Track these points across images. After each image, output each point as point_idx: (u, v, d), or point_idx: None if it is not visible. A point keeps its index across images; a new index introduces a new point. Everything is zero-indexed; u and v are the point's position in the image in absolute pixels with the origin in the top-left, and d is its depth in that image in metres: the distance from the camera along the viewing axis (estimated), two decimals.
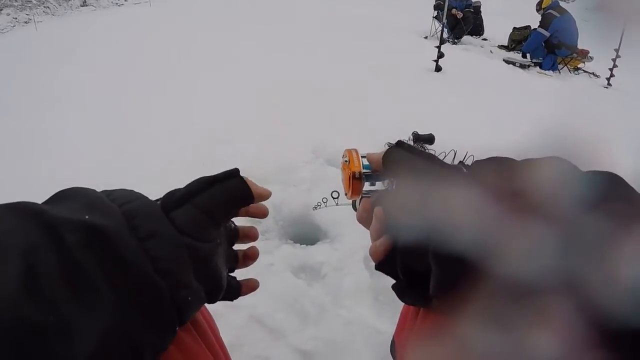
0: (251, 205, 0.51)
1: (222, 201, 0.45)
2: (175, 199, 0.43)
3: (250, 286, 0.53)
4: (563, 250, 0.31)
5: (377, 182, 0.58)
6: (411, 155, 0.48)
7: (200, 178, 0.45)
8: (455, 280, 0.37)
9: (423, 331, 0.45)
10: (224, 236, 0.49)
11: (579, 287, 0.28)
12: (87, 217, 0.35)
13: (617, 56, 7.22)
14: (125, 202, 0.40)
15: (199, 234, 0.42)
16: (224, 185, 0.45)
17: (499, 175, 0.38)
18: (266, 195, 0.50)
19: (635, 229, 0.29)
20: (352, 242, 2.64)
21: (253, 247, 0.53)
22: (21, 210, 0.34)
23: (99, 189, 0.43)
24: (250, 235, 0.53)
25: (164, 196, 0.44)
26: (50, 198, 0.40)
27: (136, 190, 0.44)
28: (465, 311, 0.34)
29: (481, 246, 0.34)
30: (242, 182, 0.47)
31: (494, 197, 0.36)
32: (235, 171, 0.47)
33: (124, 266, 0.35)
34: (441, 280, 0.39)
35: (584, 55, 8.18)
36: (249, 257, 0.53)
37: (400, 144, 0.51)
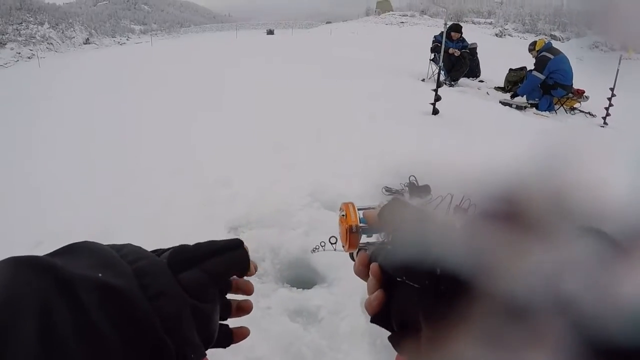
0: (241, 281, 0.54)
1: (227, 269, 0.49)
2: (183, 260, 0.45)
3: (242, 334, 0.54)
4: (558, 271, 0.32)
5: (374, 235, 0.59)
6: (406, 211, 0.50)
7: (210, 243, 0.48)
8: (444, 338, 0.39)
9: None
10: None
11: (574, 307, 0.30)
12: (100, 275, 0.37)
13: (613, 95, 7.27)
14: (135, 259, 0.42)
15: (203, 295, 0.45)
16: (231, 255, 0.48)
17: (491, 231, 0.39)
18: (254, 271, 0.52)
19: (632, 250, 0.31)
20: (349, 286, 2.64)
21: (248, 301, 0.55)
22: (34, 264, 0.34)
23: (98, 228, 0.45)
24: (244, 289, 0.55)
25: (170, 254, 0.46)
26: (60, 251, 0.40)
27: (135, 227, 0.46)
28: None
29: (474, 306, 0.36)
30: (246, 254, 0.50)
31: (487, 248, 0.37)
32: (240, 242, 0.49)
33: (136, 325, 0.37)
34: (430, 339, 0.40)
35: (580, 95, 8.25)
36: (242, 310, 0.54)
37: (395, 200, 0.53)
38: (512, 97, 8.86)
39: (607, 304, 0.29)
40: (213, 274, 0.46)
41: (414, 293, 0.42)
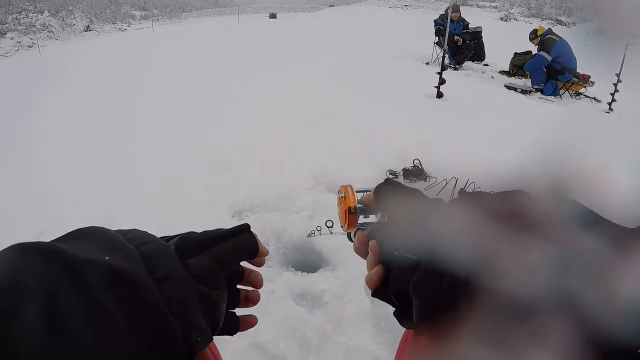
0: (252, 273, 0.54)
1: (234, 254, 0.49)
2: (191, 247, 0.45)
3: (249, 322, 0.54)
4: (558, 270, 0.32)
5: (370, 216, 0.61)
6: (398, 191, 0.53)
7: (217, 231, 0.48)
8: (434, 310, 0.40)
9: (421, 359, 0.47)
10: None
11: (576, 306, 0.29)
12: (107, 258, 0.37)
13: (619, 81, 7.20)
14: (142, 243, 0.42)
15: (211, 282, 0.44)
16: (238, 240, 0.48)
17: (477, 209, 0.40)
18: (266, 253, 0.53)
19: (631, 248, 0.31)
20: (353, 270, 2.64)
21: (256, 292, 0.55)
22: (40, 250, 0.35)
23: (101, 216, 0.44)
24: (254, 281, 0.55)
25: (178, 241, 0.46)
26: (66, 236, 0.40)
27: (139, 214, 0.46)
28: (455, 342, 0.36)
29: (463, 278, 0.37)
30: (253, 237, 0.50)
31: (477, 230, 0.38)
32: (247, 227, 0.50)
33: (143, 307, 0.36)
34: (420, 311, 0.42)
35: (586, 80, 8.18)
36: (250, 301, 0.54)
37: (388, 181, 0.56)
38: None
39: (610, 302, 0.29)
40: (221, 260, 0.46)
41: (408, 265, 0.44)
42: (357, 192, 0.62)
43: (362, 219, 0.61)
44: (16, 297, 0.31)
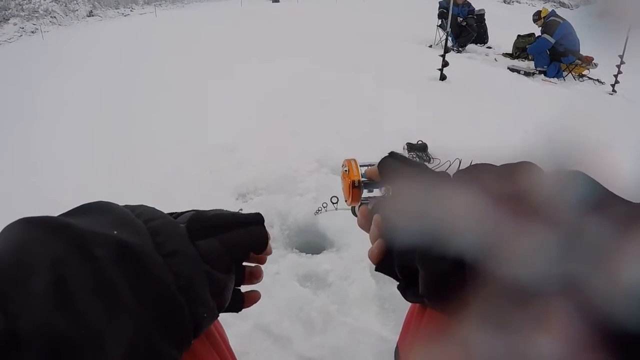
0: (256, 268, 0.54)
1: (244, 244, 0.48)
2: (202, 228, 0.45)
3: (253, 298, 0.54)
4: (562, 252, 0.32)
5: (374, 190, 0.61)
6: (403, 164, 0.53)
7: (232, 215, 0.48)
8: (440, 281, 0.40)
9: (425, 337, 0.47)
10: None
11: (580, 289, 0.29)
12: (115, 232, 0.37)
13: (622, 62, 7.14)
14: (150, 218, 0.42)
15: (219, 264, 0.44)
16: (250, 231, 0.48)
17: (483, 181, 0.40)
18: (269, 252, 0.53)
19: (635, 231, 0.30)
20: (357, 251, 2.65)
21: (258, 267, 0.55)
22: (47, 223, 0.35)
23: (104, 197, 0.44)
24: (257, 258, 0.55)
25: (189, 219, 0.45)
26: (74, 210, 0.40)
27: (143, 196, 0.46)
28: (460, 312, 0.36)
29: (468, 249, 0.36)
30: (265, 233, 0.50)
31: (482, 201, 0.37)
32: (261, 219, 0.49)
33: (150, 281, 0.36)
34: (426, 281, 0.42)
35: (589, 61, 8.12)
36: (254, 276, 0.54)
37: (393, 154, 0.55)
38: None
39: (611, 287, 0.28)
40: (229, 246, 0.46)
41: (413, 238, 0.43)
42: (361, 165, 0.62)
43: (366, 193, 0.61)
44: (23, 269, 0.31)
